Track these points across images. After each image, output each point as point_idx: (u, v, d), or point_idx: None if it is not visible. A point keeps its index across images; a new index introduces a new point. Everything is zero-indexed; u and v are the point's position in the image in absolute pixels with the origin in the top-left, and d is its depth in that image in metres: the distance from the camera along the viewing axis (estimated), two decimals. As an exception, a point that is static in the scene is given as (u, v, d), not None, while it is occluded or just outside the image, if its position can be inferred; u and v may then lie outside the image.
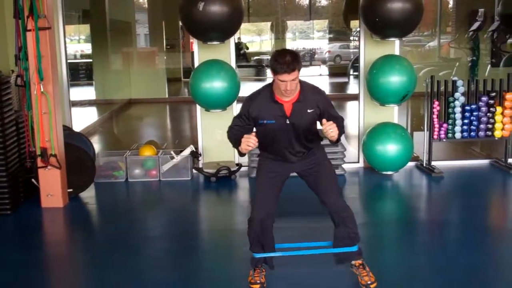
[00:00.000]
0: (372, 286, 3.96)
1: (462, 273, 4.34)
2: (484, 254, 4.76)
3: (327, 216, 4.01)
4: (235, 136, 3.83)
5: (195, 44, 7.04)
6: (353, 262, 4.08)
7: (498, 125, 7.00)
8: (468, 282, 4.19)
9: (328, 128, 3.64)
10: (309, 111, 3.77)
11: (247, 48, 20.45)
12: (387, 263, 4.65)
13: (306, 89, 3.82)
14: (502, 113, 6.99)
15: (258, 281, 4.06)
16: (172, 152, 7.03)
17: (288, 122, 3.76)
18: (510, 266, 4.62)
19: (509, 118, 7.02)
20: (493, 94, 6.98)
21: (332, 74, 18.77)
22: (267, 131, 3.78)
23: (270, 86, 3.81)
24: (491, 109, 6.98)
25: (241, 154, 3.83)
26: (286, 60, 3.53)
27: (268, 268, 4.14)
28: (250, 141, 3.64)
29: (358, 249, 4.06)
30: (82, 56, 15.19)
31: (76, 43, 16.23)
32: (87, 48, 14.45)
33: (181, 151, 7.00)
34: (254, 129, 3.86)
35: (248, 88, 4.86)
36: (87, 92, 13.82)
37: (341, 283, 4.23)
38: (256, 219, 3.92)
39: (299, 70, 3.59)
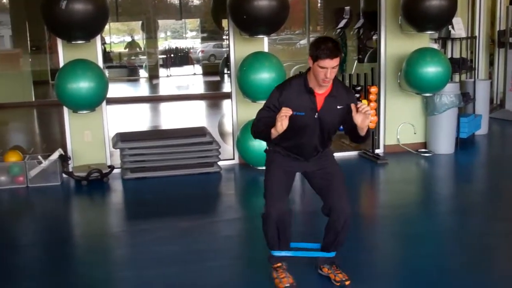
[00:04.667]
0: (347, 283, 3.98)
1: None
2: (353, 240, 4.91)
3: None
4: (265, 125, 3.66)
5: (59, 44, 6.76)
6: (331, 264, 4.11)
7: (364, 118, 7.26)
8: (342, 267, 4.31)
9: (366, 109, 3.54)
10: (338, 107, 3.70)
11: (140, 49, 19.96)
12: (261, 254, 4.69)
13: (339, 84, 3.77)
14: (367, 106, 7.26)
15: (288, 284, 3.92)
16: (39, 157, 6.73)
17: (316, 116, 3.68)
18: (376, 249, 4.84)
19: (374, 111, 7.30)
20: (359, 88, 7.24)
21: (206, 73, 18.80)
22: (294, 123, 3.60)
23: (303, 75, 3.73)
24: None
25: (271, 140, 3.68)
26: (329, 46, 3.50)
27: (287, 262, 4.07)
28: (284, 113, 3.49)
29: (336, 253, 4.11)
30: None
31: None
32: None
33: (49, 155, 6.72)
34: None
35: (120, 89, 4.74)
36: None
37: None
38: (273, 216, 3.78)
39: (340, 58, 3.56)
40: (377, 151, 7.64)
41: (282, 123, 3.49)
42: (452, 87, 7.53)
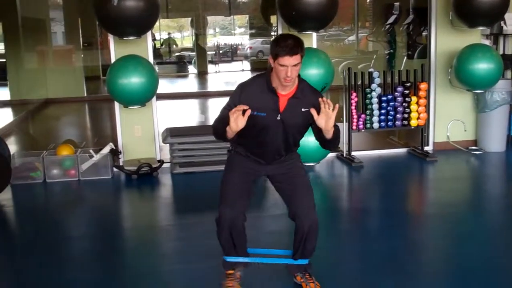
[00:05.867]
0: None
1: (382, 257, 4.45)
2: (402, 237, 4.90)
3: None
4: (224, 124, 3.39)
5: (111, 40, 6.90)
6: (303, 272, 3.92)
7: (413, 114, 7.20)
8: (388, 265, 4.30)
9: (329, 110, 3.32)
10: (303, 110, 3.46)
11: (177, 45, 20.30)
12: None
13: (305, 86, 3.54)
14: (417, 103, 7.20)
15: None
16: (91, 151, 6.87)
17: (279, 118, 3.47)
18: (425, 247, 4.79)
19: (423, 107, 7.24)
20: (408, 84, 7.17)
21: (254, 69, 18.86)
22: (255, 124, 3.43)
23: (266, 74, 3.52)
24: (406, 99, 7.17)
25: (228, 139, 3.48)
26: (289, 43, 3.31)
27: (242, 270, 3.89)
28: (237, 109, 3.29)
29: (309, 260, 3.90)
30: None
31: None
32: (0, 48, 13.95)
33: (100, 149, 6.86)
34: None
35: (169, 84, 4.80)
36: (1, 93, 13.35)
37: None
38: (225, 218, 3.58)
39: (302, 57, 3.36)
40: (426, 148, 7.55)
41: (236, 121, 3.30)
42: (504, 84, 7.38)
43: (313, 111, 3.36)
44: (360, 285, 4.08)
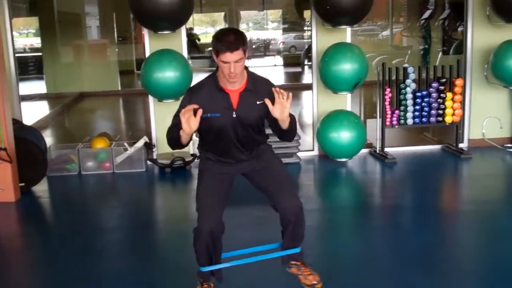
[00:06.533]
0: (318, 286, 3.61)
1: (414, 255, 4.42)
2: (436, 235, 4.86)
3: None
4: (177, 131, 3.28)
5: (146, 34, 6.96)
6: (295, 262, 3.72)
7: (448, 111, 7.11)
8: (421, 263, 4.27)
9: (284, 100, 3.23)
10: (258, 102, 3.33)
11: (199, 40, 20.36)
12: (342, 247, 4.69)
13: (255, 77, 3.42)
14: (452, 99, 7.11)
15: None
16: (125, 144, 6.95)
17: (234, 115, 3.33)
18: (459, 245, 4.73)
19: (459, 104, 7.15)
20: (443, 80, 7.09)
21: (287, 64, 18.83)
22: (211, 126, 3.33)
23: (214, 74, 3.39)
24: (441, 95, 7.09)
25: (183, 144, 3.36)
26: (229, 39, 3.16)
27: (215, 282, 3.76)
28: (185, 110, 3.16)
29: (301, 249, 3.72)
30: (32, 50, 14.89)
31: (24, 37, 15.93)
32: (37, 42, 14.17)
33: (134, 143, 6.93)
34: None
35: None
36: (37, 86, 13.57)
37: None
38: (205, 231, 3.48)
39: (244, 51, 3.20)
40: (461, 145, 7.46)
41: (189, 122, 3.16)
42: (542, 80, 7.25)
43: (267, 102, 3.24)
44: (393, 282, 4.05)
